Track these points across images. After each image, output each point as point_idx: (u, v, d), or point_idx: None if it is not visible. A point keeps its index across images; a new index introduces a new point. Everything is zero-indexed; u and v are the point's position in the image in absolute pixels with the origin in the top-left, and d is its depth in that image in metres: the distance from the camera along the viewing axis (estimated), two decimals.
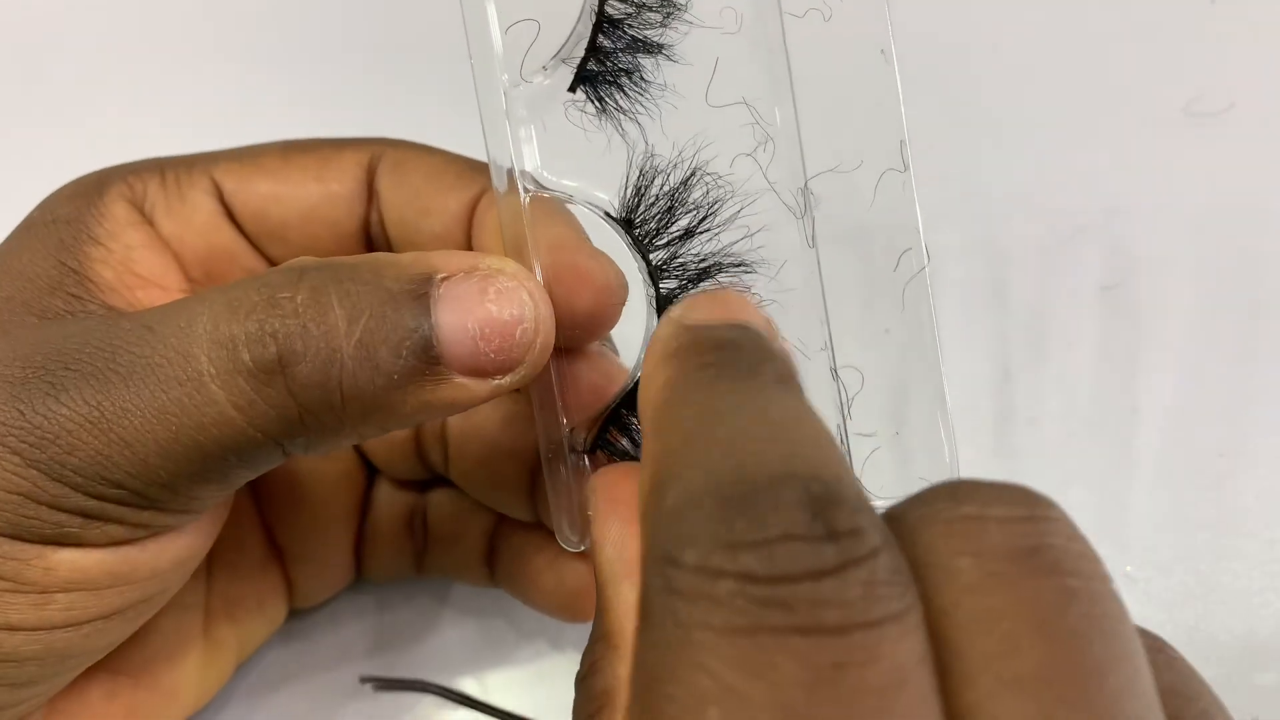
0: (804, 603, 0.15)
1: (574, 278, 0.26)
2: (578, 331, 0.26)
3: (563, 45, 0.26)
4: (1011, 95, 0.45)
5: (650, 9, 0.26)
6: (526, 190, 0.26)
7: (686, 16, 0.26)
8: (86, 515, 0.24)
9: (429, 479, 0.34)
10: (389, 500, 0.34)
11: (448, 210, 0.28)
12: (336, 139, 0.30)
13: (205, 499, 0.25)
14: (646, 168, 0.26)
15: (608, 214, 0.27)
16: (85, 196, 0.28)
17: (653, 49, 0.26)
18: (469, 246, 0.28)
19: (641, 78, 0.27)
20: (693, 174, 0.26)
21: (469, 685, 0.35)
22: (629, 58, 0.27)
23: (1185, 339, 0.40)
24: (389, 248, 0.30)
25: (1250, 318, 0.41)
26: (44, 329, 0.25)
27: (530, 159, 0.26)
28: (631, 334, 0.28)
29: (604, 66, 0.27)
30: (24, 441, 0.23)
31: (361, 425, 0.24)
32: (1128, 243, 0.42)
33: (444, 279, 0.24)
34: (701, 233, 0.26)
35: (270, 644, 0.35)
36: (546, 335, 0.25)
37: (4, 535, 0.23)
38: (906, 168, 0.26)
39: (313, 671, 0.35)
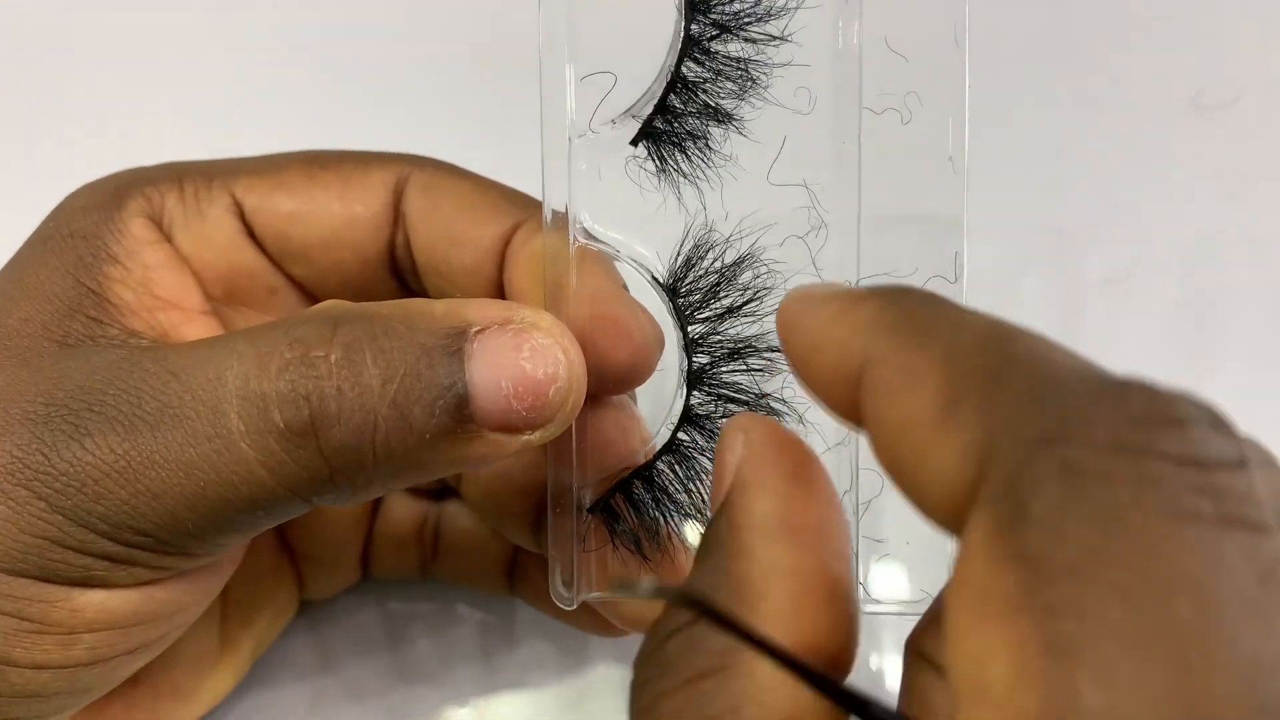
0: (1232, 495, 0.13)
1: (614, 331, 0.26)
2: (608, 383, 0.26)
3: (636, 101, 0.26)
4: (1018, 86, 0.43)
5: (728, 78, 0.26)
6: (575, 239, 0.26)
7: (764, 94, 0.26)
8: (113, 559, 0.23)
9: (441, 489, 0.34)
10: (399, 506, 0.33)
11: (480, 243, 0.28)
12: (362, 153, 0.29)
13: (231, 545, 0.25)
14: (702, 240, 0.26)
15: (655, 278, 0.26)
16: (102, 209, 0.27)
17: (724, 118, 0.26)
18: (500, 280, 0.28)
19: (707, 145, 0.26)
20: (746, 258, 0.26)
21: (474, 680, 0.35)
22: (698, 122, 0.26)
23: (1192, 332, 0.40)
24: (414, 271, 0.29)
25: (1259, 311, 0.40)
26: (64, 360, 0.24)
27: (583, 208, 0.26)
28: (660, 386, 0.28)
29: (670, 126, 0.26)
30: (49, 487, 0.23)
31: (391, 481, 0.24)
32: (1134, 235, 0.41)
33: (478, 332, 0.23)
34: (745, 316, 0.26)
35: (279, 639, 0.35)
36: (578, 394, 0.25)
37: (30, 577, 0.23)
38: (956, 279, 0.26)
39: (321, 666, 0.35)
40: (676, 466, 0.27)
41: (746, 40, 0.26)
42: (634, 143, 0.26)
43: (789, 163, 0.26)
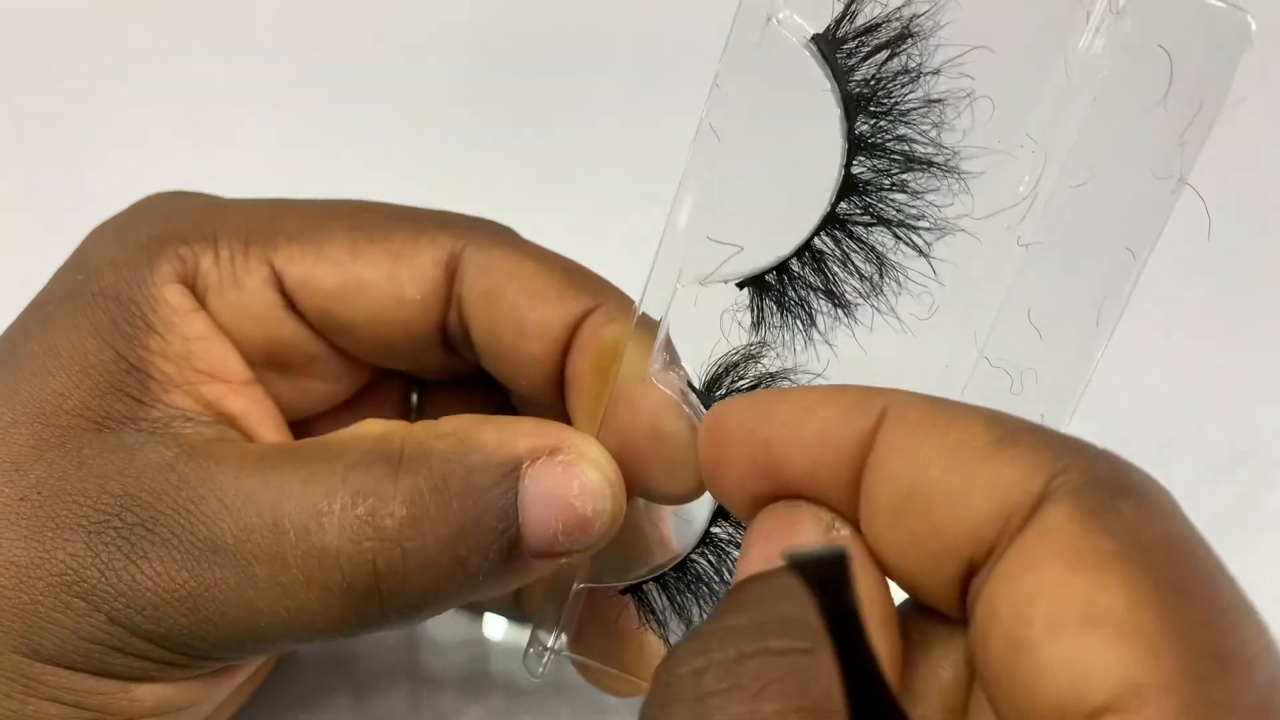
0: None
1: (666, 457, 0.25)
2: (648, 493, 0.26)
3: (754, 276, 0.24)
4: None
5: (863, 274, 0.24)
6: (654, 364, 0.25)
7: (884, 303, 0.24)
8: (170, 664, 0.24)
9: None
10: None
11: (549, 333, 0.26)
12: (410, 218, 0.27)
13: (284, 653, 0.26)
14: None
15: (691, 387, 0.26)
16: (133, 267, 0.26)
17: (840, 304, 0.25)
18: (563, 367, 0.27)
19: (810, 320, 0.25)
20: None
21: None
22: (810, 295, 0.25)
23: (1194, 333, 0.39)
24: (466, 343, 0.28)
25: (1260, 313, 0.40)
26: (106, 451, 0.24)
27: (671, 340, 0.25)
28: None
29: (780, 285, 0.25)
30: (110, 604, 0.23)
31: (434, 615, 0.25)
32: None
33: (529, 465, 0.24)
34: None
35: None
36: (618, 521, 0.25)
37: (91, 673, 0.23)
38: None
39: (327, 662, 0.35)
40: (710, 558, 0.27)
41: (895, 237, 0.24)
42: (741, 285, 0.25)
43: (882, 376, 0.25)
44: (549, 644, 0.28)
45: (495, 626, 0.35)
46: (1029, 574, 0.17)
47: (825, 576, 0.17)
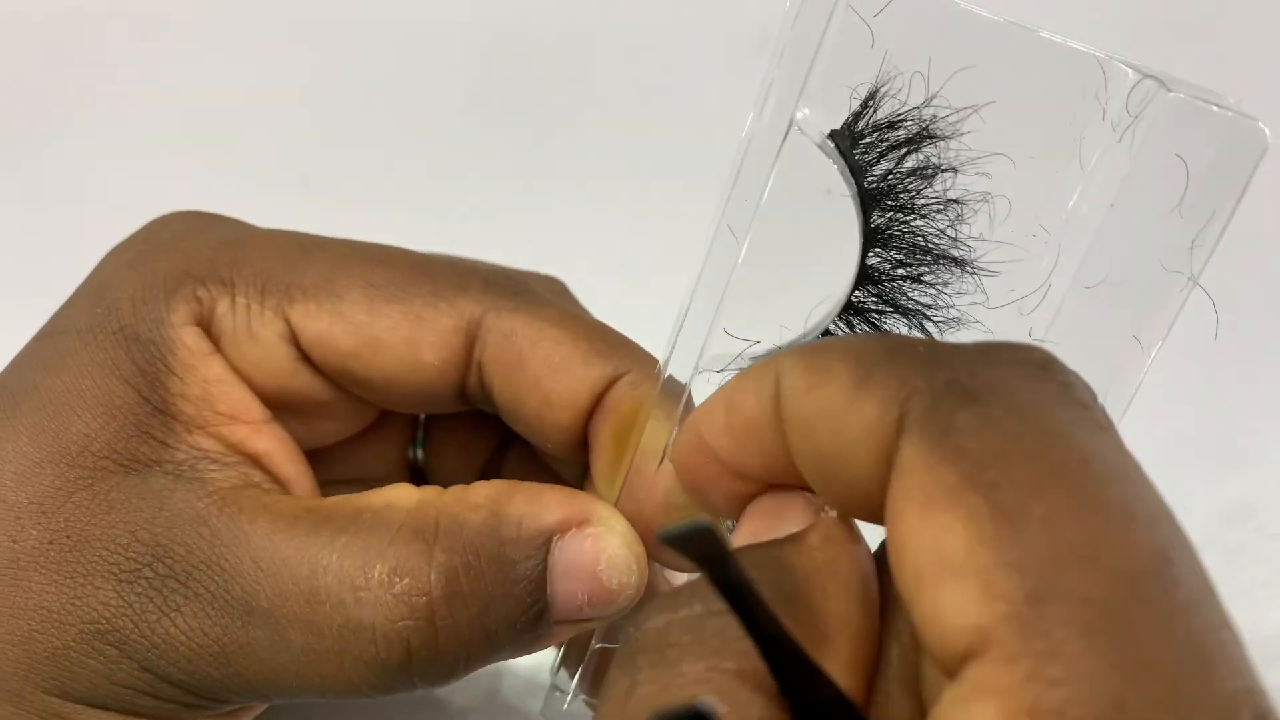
0: (1097, 410, 0.18)
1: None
2: (663, 562, 0.27)
3: (765, 354, 0.25)
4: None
5: None
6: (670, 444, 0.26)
7: None
8: (197, 706, 0.25)
9: None
10: None
11: (574, 404, 0.26)
12: (428, 276, 0.27)
13: None
14: None
15: None
16: (152, 305, 0.26)
17: None
18: (586, 431, 0.27)
19: None
20: None
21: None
22: None
23: (1192, 331, 0.41)
24: (486, 399, 0.28)
25: (1260, 311, 0.40)
26: (133, 496, 0.24)
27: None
28: None
29: None
30: (144, 654, 0.24)
31: (456, 680, 0.25)
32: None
33: (558, 538, 0.24)
34: None
35: None
36: (640, 594, 0.25)
37: (121, 713, 0.24)
38: None
39: None
40: None
41: (908, 325, 0.24)
42: (755, 359, 0.25)
43: None
44: (568, 690, 0.29)
45: None
46: (895, 526, 0.17)
47: (701, 551, 0.17)
